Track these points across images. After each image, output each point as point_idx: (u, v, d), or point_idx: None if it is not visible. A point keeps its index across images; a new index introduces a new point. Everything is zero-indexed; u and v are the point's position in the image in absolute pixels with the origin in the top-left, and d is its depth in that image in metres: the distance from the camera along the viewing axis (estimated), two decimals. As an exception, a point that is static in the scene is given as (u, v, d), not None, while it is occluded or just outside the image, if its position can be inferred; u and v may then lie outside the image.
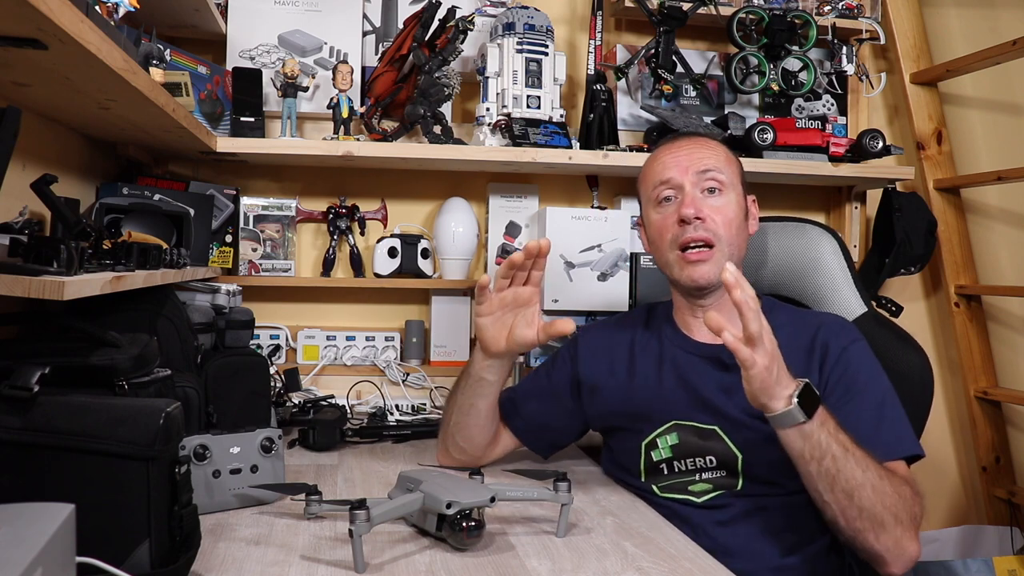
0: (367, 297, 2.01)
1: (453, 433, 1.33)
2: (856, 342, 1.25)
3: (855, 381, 1.20)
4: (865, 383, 1.20)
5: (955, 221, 2.18)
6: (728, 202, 1.26)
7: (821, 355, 1.23)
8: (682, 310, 1.33)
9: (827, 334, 1.25)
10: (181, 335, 1.27)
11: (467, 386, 1.29)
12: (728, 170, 1.28)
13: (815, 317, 1.32)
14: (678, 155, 1.29)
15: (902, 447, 1.16)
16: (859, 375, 1.21)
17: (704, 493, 1.22)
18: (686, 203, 1.24)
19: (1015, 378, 2.16)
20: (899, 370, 1.34)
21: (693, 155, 1.28)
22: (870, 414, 1.17)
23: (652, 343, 1.34)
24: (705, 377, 1.25)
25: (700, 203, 1.24)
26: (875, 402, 1.18)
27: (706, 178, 1.26)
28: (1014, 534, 2.13)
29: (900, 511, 1.06)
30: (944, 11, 2.25)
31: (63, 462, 0.82)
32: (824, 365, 1.22)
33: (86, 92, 1.09)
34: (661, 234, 1.28)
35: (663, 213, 1.28)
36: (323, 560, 0.95)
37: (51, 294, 0.81)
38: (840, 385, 1.20)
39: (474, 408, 1.30)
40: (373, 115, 1.84)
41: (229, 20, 1.87)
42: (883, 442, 1.14)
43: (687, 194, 1.25)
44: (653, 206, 1.30)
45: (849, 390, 1.19)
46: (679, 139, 1.33)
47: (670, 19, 1.91)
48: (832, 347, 1.23)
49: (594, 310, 1.88)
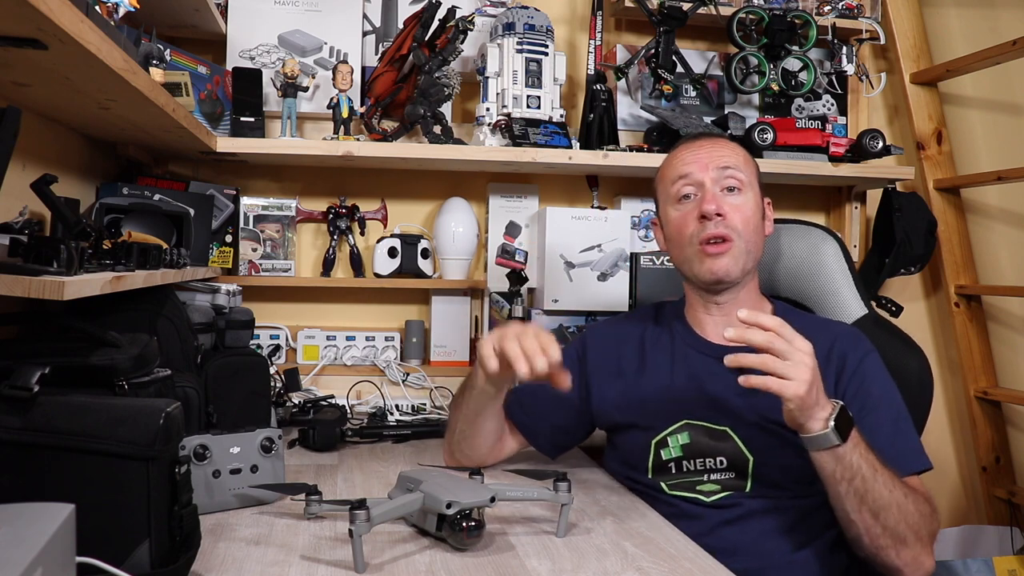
0: (367, 297, 2.01)
1: (459, 440, 1.33)
2: (870, 354, 1.25)
3: (870, 395, 1.21)
4: (880, 397, 1.21)
5: (955, 221, 2.18)
6: (747, 201, 1.27)
7: (838, 367, 1.23)
8: (695, 307, 1.33)
9: (844, 346, 1.25)
10: (181, 335, 1.27)
11: (471, 397, 1.29)
12: (747, 170, 1.29)
13: (831, 326, 1.32)
14: (698, 153, 1.29)
15: (917, 462, 1.17)
16: (874, 388, 1.22)
17: (713, 493, 1.22)
18: (707, 199, 1.24)
19: (1015, 378, 2.16)
20: (898, 372, 1.34)
21: (713, 153, 1.28)
22: (887, 429, 1.18)
23: (664, 339, 1.34)
24: (719, 378, 1.25)
25: (720, 200, 1.25)
26: (891, 417, 1.20)
27: (726, 176, 1.26)
28: (1014, 534, 2.13)
29: (921, 528, 1.08)
30: (944, 11, 2.25)
31: (63, 462, 0.82)
32: (841, 377, 1.22)
33: (86, 92, 1.09)
34: (681, 231, 1.28)
35: (682, 210, 1.28)
36: (323, 560, 0.95)
37: (51, 294, 0.81)
38: (857, 399, 1.20)
39: (479, 417, 1.30)
40: (373, 115, 1.84)
41: (229, 20, 1.87)
42: (900, 457, 1.15)
43: (708, 191, 1.25)
44: (672, 203, 1.30)
45: (865, 404, 1.19)
46: (699, 138, 1.34)
47: (670, 19, 1.91)
48: (849, 359, 1.24)
49: (594, 310, 1.88)
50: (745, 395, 1.21)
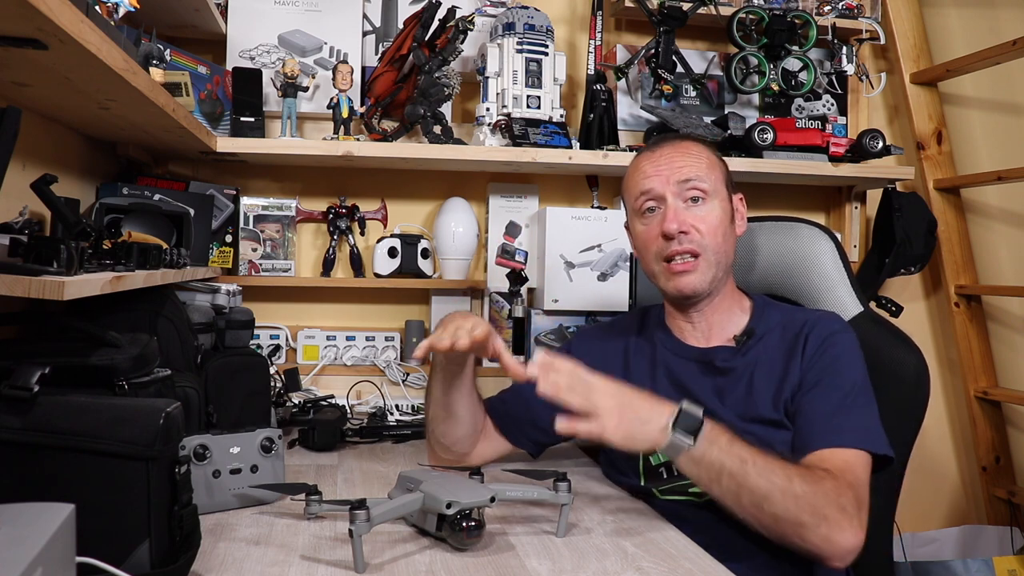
0: (367, 297, 2.01)
1: (434, 428, 1.33)
2: (839, 333, 1.23)
3: (827, 369, 1.19)
4: (838, 371, 1.18)
5: (955, 221, 2.18)
6: (711, 210, 1.24)
7: (803, 347, 1.22)
8: (673, 315, 1.33)
9: (811, 327, 1.24)
10: (181, 335, 1.27)
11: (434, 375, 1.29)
12: (711, 176, 1.26)
13: (806, 314, 1.31)
14: (659, 164, 1.26)
15: (855, 439, 1.12)
16: (834, 364, 1.19)
17: (705, 494, 1.22)
18: (668, 218, 1.22)
19: (1015, 378, 2.16)
20: (895, 370, 1.34)
21: (674, 163, 1.25)
22: (827, 402, 1.15)
23: (645, 348, 1.34)
24: (698, 381, 1.25)
25: (683, 215, 1.23)
26: (841, 391, 1.16)
27: (688, 188, 1.24)
28: (1014, 534, 2.13)
29: (822, 506, 1.02)
30: (944, 11, 2.25)
31: (63, 462, 0.82)
32: (804, 354, 1.21)
33: (86, 92, 1.09)
34: (646, 246, 1.27)
35: (647, 225, 1.27)
36: (323, 560, 0.95)
37: (51, 294, 0.81)
38: (813, 371, 1.19)
39: (447, 396, 1.28)
40: (373, 115, 1.84)
41: (229, 20, 1.87)
42: (831, 430, 1.12)
43: (669, 207, 1.23)
44: (637, 216, 1.29)
45: (820, 378, 1.18)
46: (659, 146, 1.30)
47: (670, 19, 1.91)
48: (812, 337, 1.22)
49: (594, 310, 1.88)
50: (723, 396, 1.22)
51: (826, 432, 1.11)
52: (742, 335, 1.27)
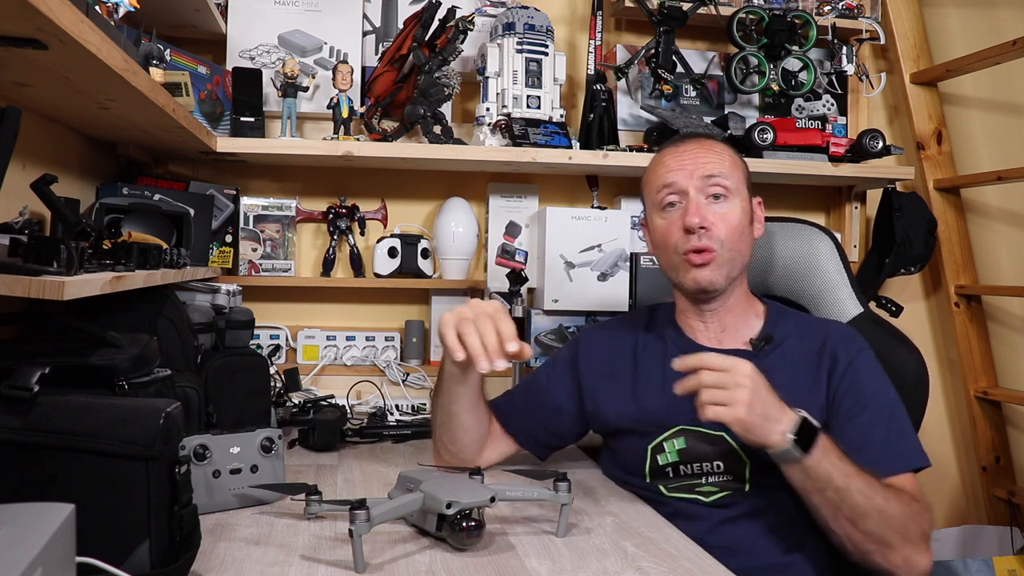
0: (367, 297, 2.01)
1: (441, 434, 1.32)
2: (863, 351, 1.24)
3: (863, 393, 1.20)
4: (873, 395, 1.20)
5: (955, 221, 2.18)
6: (732, 208, 1.24)
7: (830, 365, 1.23)
8: (686, 313, 1.32)
9: (835, 343, 1.25)
10: (181, 335, 1.27)
11: (443, 384, 1.27)
12: (733, 175, 1.26)
13: (822, 325, 1.32)
14: (683, 159, 1.26)
15: (911, 460, 1.16)
16: (867, 386, 1.21)
17: (712, 493, 1.21)
18: (691, 211, 1.22)
19: (1015, 378, 2.16)
20: (894, 370, 1.34)
21: (698, 159, 1.25)
22: (879, 428, 1.17)
23: (656, 345, 1.33)
24: None
25: (705, 211, 1.22)
26: (884, 415, 1.18)
27: (711, 183, 1.24)
28: (1014, 534, 2.13)
29: (908, 528, 1.07)
30: (944, 11, 2.25)
31: (63, 462, 0.82)
32: (832, 375, 1.22)
33: (86, 92, 1.09)
34: (666, 239, 1.26)
35: (668, 219, 1.26)
36: (323, 560, 0.95)
37: (51, 294, 0.81)
38: (848, 397, 1.19)
39: (455, 405, 1.27)
40: (373, 115, 1.84)
41: (229, 20, 1.87)
42: (892, 456, 1.14)
43: (692, 201, 1.23)
44: (657, 210, 1.28)
45: (858, 402, 1.19)
46: (683, 141, 1.30)
47: (670, 19, 1.91)
48: (840, 357, 1.23)
49: (594, 310, 1.88)
50: None
51: (887, 459, 1.13)
52: (760, 340, 1.26)
